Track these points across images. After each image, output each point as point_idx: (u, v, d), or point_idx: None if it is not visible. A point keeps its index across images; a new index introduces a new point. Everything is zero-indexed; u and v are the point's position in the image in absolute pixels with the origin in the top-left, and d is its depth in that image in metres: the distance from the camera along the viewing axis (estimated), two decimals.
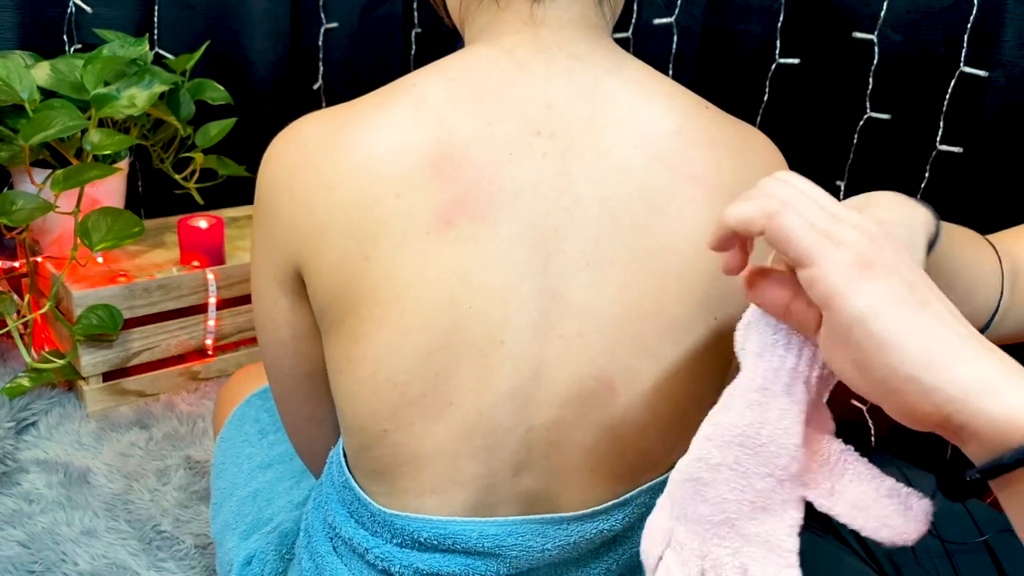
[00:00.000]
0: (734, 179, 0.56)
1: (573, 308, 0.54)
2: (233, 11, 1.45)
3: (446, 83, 0.55)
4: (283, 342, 0.63)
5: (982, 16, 1.09)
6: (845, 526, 0.50)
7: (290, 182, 0.55)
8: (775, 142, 0.65)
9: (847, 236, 0.41)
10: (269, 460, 0.88)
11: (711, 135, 0.57)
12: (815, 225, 0.41)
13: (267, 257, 0.59)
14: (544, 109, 0.54)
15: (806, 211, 0.42)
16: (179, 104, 1.30)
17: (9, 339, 1.23)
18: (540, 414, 0.56)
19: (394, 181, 0.52)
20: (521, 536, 0.57)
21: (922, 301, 0.40)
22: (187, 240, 1.28)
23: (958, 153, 1.15)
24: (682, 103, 0.57)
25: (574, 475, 0.58)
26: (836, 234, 0.41)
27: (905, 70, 1.18)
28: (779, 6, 1.31)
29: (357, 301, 0.54)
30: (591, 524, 0.59)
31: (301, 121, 0.57)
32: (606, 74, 0.56)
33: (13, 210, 1.09)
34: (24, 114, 1.12)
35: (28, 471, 1.09)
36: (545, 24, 0.57)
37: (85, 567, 0.94)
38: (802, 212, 0.42)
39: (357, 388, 0.56)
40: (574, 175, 0.54)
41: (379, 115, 0.54)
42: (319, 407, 0.67)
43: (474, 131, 0.53)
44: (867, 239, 0.41)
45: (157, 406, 1.24)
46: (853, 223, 0.42)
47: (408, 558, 0.58)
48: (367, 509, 0.59)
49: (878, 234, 0.42)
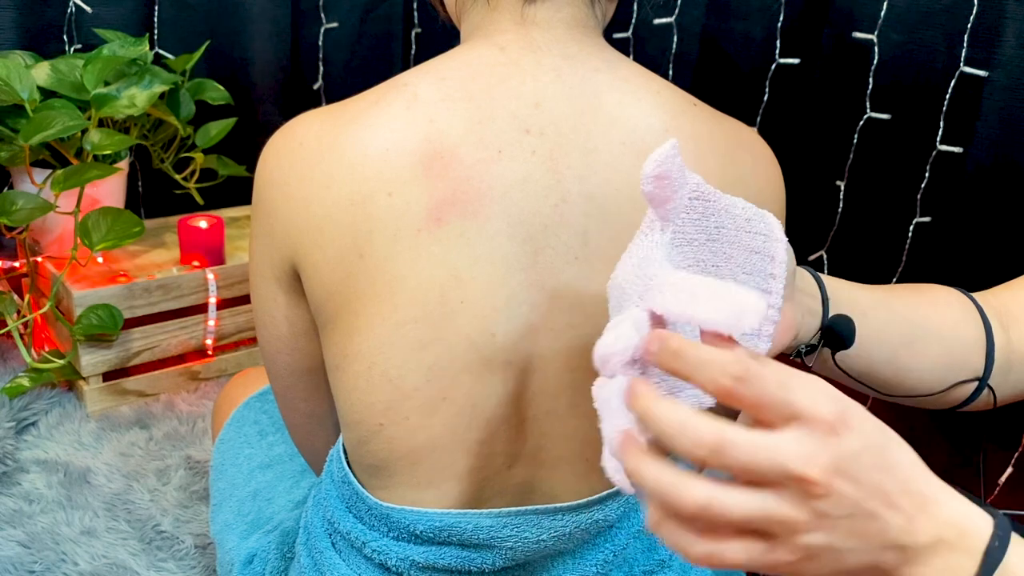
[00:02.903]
0: (721, 175, 0.57)
1: (563, 301, 0.55)
2: (233, 11, 1.45)
3: (437, 82, 0.56)
4: (281, 338, 0.64)
5: (982, 16, 1.09)
6: None
7: (286, 180, 0.56)
8: (775, 142, 0.65)
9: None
10: (269, 460, 0.88)
11: (698, 132, 0.58)
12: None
13: (264, 254, 0.60)
14: (533, 108, 0.55)
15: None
16: (179, 104, 1.30)
17: (9, 339, 1.23)
18: (533, 406, 0.57)
19: (386, 179, 0.53)
20: (516, 527, 0.58)
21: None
22: (187, 240, 1.28)
23: (958, 153, 1.15)
24: (670, 101, 0.58)
25: (568, 466, 0.59)
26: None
27: (905, 70, 1.18)
28: (779, 6, 1.31)
29: (352, 297, 0.55)
30: (585, 514, 0.59)
31: (297, 120, 0.58)
32: (595, 72, 0.57)
33: (13, 210, 1.09)
34: (24, 114, 1.12)
35: (28, 471, 1.09)
36: (536, 24, 0.58)
37: (85, 567, 0.94)
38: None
39: (353, 383, 0.57)
40: (562, 172, 0.55)
41: (372, 114, 0.55)
42: (319, 403, 0.67)
43: (464, 130, 0.54)
44: (803, 526, 0.40)
45: (157, 406, 1.24)
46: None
47: (405, 551, 0.59)
48: (365, 503, 0.60)
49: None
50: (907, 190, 1.23)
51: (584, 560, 0.61)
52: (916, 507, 0.42)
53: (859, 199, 1.29)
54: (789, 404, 0.39)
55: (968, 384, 0.68)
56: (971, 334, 0.68)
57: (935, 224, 1.22)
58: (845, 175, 1.28)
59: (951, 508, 0.42)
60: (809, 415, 0.39)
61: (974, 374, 0.68)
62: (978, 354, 0.67)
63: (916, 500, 0.42)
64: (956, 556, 0.42)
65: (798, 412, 0.39)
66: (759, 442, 0.39)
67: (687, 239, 0.48)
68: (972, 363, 0.68)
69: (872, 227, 1.28)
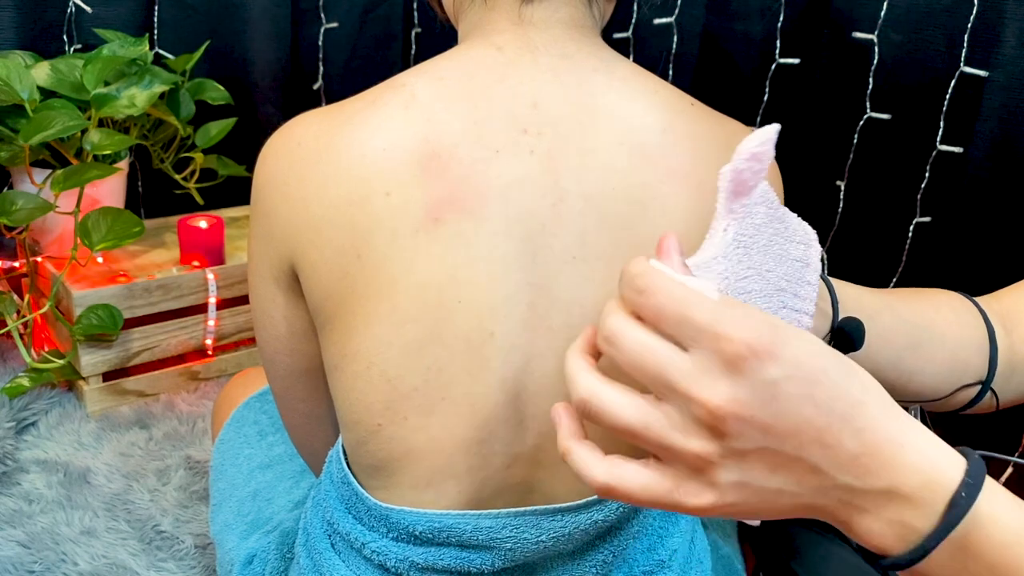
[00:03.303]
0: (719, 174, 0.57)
1: (561, 301, 0.55)
2: (233, 11, 1.45)
3: (434, 82, 0.56)
4: (280, 339, 0.64)
5: (982, 16, 1.09)
6: None
7: (284, 180, 0.56)
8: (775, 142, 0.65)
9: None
10: (269, 460, 0.88)
11: (696, 132, 0.58)
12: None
13: (263, 254, 0.60)
14: (530, 108, 0.55)
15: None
16: (179, 104, 1.30)
17: (9, 339, 1.23)
18: (532, 406, 0.57)
19: (384, 179, 0.53)
20: (515, 528, 0.58)
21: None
22: (187, 240, 1.28)
23: (958, 153, 1.15)
24: (667, 100, 0.58)
25: (567, 465, 0.59)
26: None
27: (905, 70, 1.18)
28: (779, 6, 1.31)
29: (350, 297, 0.55)
30: (585, 515, 0.59)
31: (295, 120, 0.58)
32: (593, 72, 0.57)
33: (13, 210, 1.09)
34: (24, 114, 1.12)
35: (28, 471, 1.09)
36: (533, 24, 0.58)
37: (85, 567, 0.94)
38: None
39: (352, 383, 0.57)
40: (560, 172, 0.55)
41: (369, 114, 0.55)
42: (318, 404, 0.67)
43: (462, 130, 0.54)
44: (704, 462, 0.37)
45: (157, 406, 1.24)
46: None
47: (404, 552, 0.59)
48: (364, 504, 0.60)
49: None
50: (907, 190, 1.23)
51: (584, 561, 0.61)
52: (862, 447, 0.37)
53: (859, 199, 1.29)
54: (690, 322, 0.36)
55: (972, 387, 0.68)
56: (975, 338, 0.68)
57: (935, 224, 1.22)
58: (845, 175, 1.28)
59: (914, 452, 0.38)
60: (716, 336, 0.36)
61: (977, 378, 0.68)
62: (981, 358, 0.68)
63: (863, 439, 0.37)
64: (912, 509, 0.37)
65: (703, 332, 0.36)
66: (651, 343, 0.37)
67: (746, 243, 0.48)
68: (976, 367, 0.68)
69: (872, 227, 1.28)
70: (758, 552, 0.90)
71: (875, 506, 0.38)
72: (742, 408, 0.36)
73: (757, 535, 0.90)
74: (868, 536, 0.39)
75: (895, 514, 0.38)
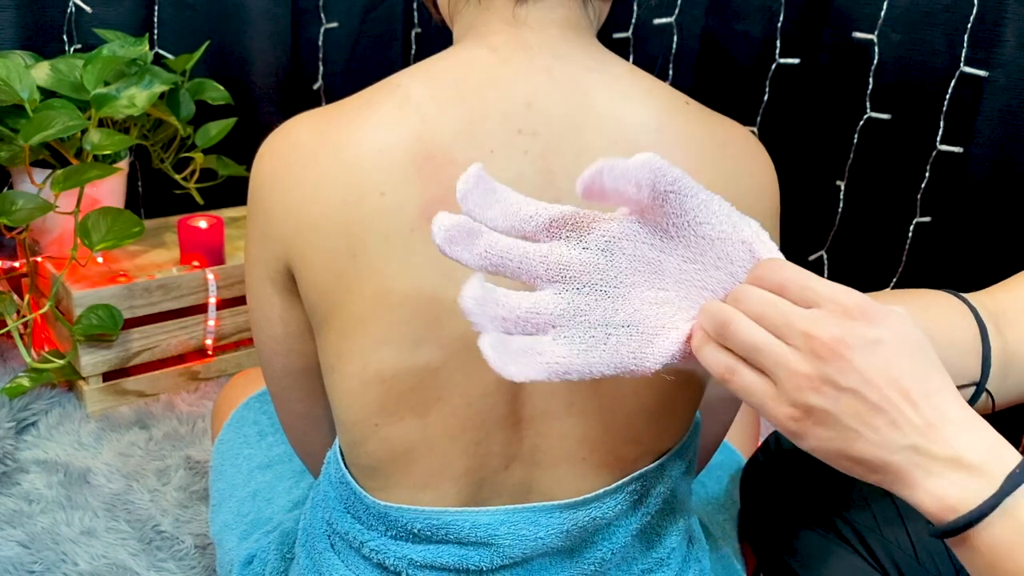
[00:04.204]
0: (713, 173, 0.57)
1: None
2: (233, 11, 1.45)
3: (429, 83, 0.56)
4: (277, 339, 0.64)
5: (982, 16, 1.09)
6: (846, 526, 0.51)
7: (281, 181, 0.56)
8: (775, 142, 0.65)
9: (789, 383, 0.45)
10: (268, 460, 0.88)
11: (690, 131, 0.58)
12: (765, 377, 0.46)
13: (259, 255, 0.60)
14: (525, 108, 0.55)
15: (756, 346, 0.46)
16: (179, 104, 1.30)
17: (9, 339, 1.23)
18: (528, 405, 0.57)
19: (379, 180, 0.53)
20: (514, 525, 0.58)
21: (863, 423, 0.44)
22: (187, 240, 1.28)
23: (958, 153, 1.15)
24: (662, 100, 0.58)
25: (565, 465, 0.59)
26: (782, 382, 0.45)
27: (905, 70, 1.18)
28: (779, 6, 1.31)
29: (346, 297, 0.55)
30: (583, 512, 0.59)
31: (291, 121, 0.58)
32: (587, 72, 0.57)
33: (13, 210, 1.09)
34: (24, 114, 1.12)
35: (28, 471, 1.09)
36: (527, 24, 0.58)
37: (85, 567, 0.94)
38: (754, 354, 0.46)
39: (348, 383, 0.57)
40: (555, 172, 0.55)
41: (364, 115, 0.55)
42: (315, 404, 0.67)
43: (456, 130, 0.54)
44: (806, 381, 0.44)
45: (157, 406, 1.24)
46: (801, 354, 0.44)
47: (402, 550, 0.59)
48: (362, 503, 0.60)
49: (828, 360, 0.44)
50: (907, 190, 1.23)
51: (582, 559, 0.61)
52: (937, 417, 0.43)
53: (859, 199, 1.29)
54: (812, 289, 0.45)
55: (966, 389, 0.68)
56: (966, 339, 0.67)
57: (935, 224, 1.22)
58: (845, 175, 1.28)
59: (980, 434, 0.44)
60: (834, 299, 0.44)
61: (970, 379, 0.67)
62: (974, 358, 0.67)
63: (940, 412, 0.44)
64: (974, 477, 0.43)
65: (822, 297, 0.44)
66: (775, 300, 0.46)
67: (661, 231, 0.49)
68: (968, 368, 0.67)
69: (872, 227, 1.28)
70: (758, 552, 0.90)
71: (941, 469, 0.44)
72: (848, 350, 0.43)
73: (757, 535, 0.90)
74: (930, 498, 0.44)
75: (958, 479, 0.43)
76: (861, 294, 0.45)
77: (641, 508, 0.62)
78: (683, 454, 0.64)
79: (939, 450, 0.43)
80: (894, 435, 0.44)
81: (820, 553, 0.79)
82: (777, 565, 0.84)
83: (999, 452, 0.44)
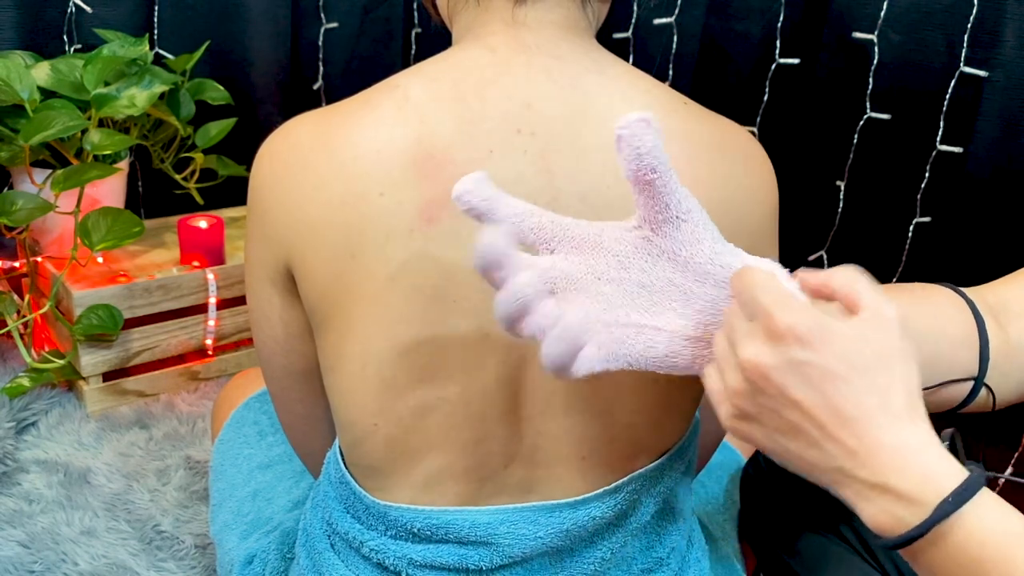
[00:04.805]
0: (711, 173, 0.57)
1: None
2: (233, 11, 1.45)
3: (428, 83, 0.56)
4: (277, 340, 0.64)
5: (982, 16, 1.09)
6: (847, 526, 0.51)
7: (280, 182, 0.57)
8: (775, 142, 0.65)
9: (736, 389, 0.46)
10: (268, 460, 0.88)
11: (689, 130, 0.58)
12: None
13: (259, 256, 0.60)
14: (524, 108, 0.55)
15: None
16: (179, 104, 1.30)
17: (9, 339, 1.23)
18: (528, 405, 0.57)
19: (378, 180, 0.53)
20: (513, 524, 0.58)
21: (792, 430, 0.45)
22: (187, 240, 1.28)
23: (958, 153, 1.15)
24: (660, 100, 0.58)
25: (564, 464, 0.59)
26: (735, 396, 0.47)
27: (905, 70, 1.18)
28: (779, 6, 1.31)
29: (345, 298, 0.55)
30: (583, 511, 0.59)
31: (291, 122, 0.58)
32: (586, 73, 0.57)
33: (13, 210, 1.09)
34: (24, 114, 1.12)
35: (28, 471, 1.09)
36: (526, 25, 0.58)
37: (85, 567, 0.94)
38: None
39: (347, 384, 0.57)
40: (554, 172, 0.55)
41: (363, 115, 0.55)
42: (315, 405, 0.67)
43: (455, 130, 0.54)
44: (739, 386, 0.46)
45: (157, 406, 1.24)
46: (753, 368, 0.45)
47: (402, 550, 0.59)
48: (362, 503, 0.60)
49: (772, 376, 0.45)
50: (907, 190, 1.23)
51: (582, 558, 0.61)
52: (861, 445, 0.43)
53: (859, 199, 1.29)
54: (755, 301, 0.45)
55: (963, 384, 0.67)
56: (960, 332, 0.66)
57: (935, 224, 1.22)
58: (845, 175, 1.29)
59: (917, 459, 0.43)
60: (768, 315, 0.44)
61: (966, 372, 0.67)
62: (968, 351, 0.66)
63: (870, 437, 0.43)
64: (903, 504, 0.43)
65: (760, 310, 0.45)
66: (733, 308, 0.47)
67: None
68: (962, 361, 0.66)
69: (872, 227, 1.29)
70: (758, 552, 0.90)
71: (869, 494, 0.44)
72: (768, 369, 0.44)
73: (757, 535, 0.90)
74: (863, 517, 0.45)
75: (887, 505, 0.43)
76: (805, 304, 0.46)
77: (641, 508, 0.62)
78: (683, 454, 0.64)
79: (867, 476, 0.44)
80: (817, 455, 0.45)
81: (820, 553, 0.79)
82: (777, 565, 0.84)
83: (934, 478, 0.43)
